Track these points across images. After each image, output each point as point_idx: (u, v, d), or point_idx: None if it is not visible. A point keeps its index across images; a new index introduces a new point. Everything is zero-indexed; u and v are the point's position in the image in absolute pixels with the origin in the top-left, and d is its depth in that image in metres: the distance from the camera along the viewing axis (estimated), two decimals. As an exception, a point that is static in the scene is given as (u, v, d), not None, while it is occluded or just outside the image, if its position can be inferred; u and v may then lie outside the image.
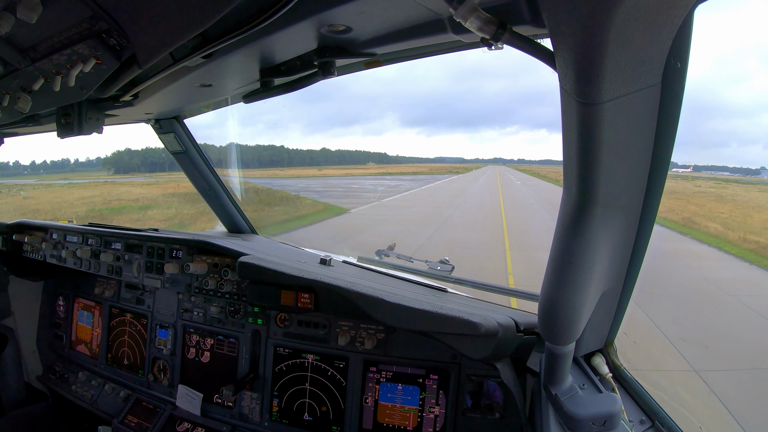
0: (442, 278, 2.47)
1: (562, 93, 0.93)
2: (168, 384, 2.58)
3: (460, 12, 0.88)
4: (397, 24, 1.17)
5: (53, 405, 3.10)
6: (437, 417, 2.03)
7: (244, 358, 2.36)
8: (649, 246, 1.30)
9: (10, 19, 1.04)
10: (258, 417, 2.31)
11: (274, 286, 1.98)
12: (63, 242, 2.86)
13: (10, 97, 1.62)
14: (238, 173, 3.37)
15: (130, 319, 2.79)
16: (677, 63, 0.92)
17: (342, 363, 2.18)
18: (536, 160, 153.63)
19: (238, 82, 1.73)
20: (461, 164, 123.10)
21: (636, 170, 1.11)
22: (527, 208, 26.81)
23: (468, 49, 1.34)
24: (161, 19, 1.09)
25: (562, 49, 0.84)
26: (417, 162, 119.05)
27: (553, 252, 1.18)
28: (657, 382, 1.48)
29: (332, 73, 1.42)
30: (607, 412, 1.33)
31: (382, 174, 66.32)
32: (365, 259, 2.77)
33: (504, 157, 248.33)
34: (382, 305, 1.72)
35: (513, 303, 2.51)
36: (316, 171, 63.90)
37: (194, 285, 2.42)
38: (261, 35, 1.18)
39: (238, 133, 3.73)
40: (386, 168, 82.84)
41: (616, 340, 1.65)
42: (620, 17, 0.74)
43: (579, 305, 1.20)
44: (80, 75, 1.34)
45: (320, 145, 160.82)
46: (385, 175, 64.91)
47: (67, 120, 1.86)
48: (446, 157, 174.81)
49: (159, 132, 2.68)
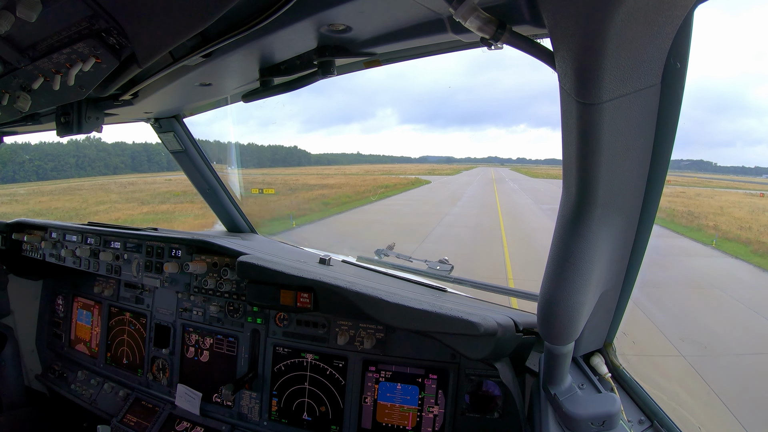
0: (442, 278, 2.47)
1: (562, 93, 0.93)
2: (167, 383, 2.58)
3: (459, 12, 0.88)
4: (396, 23, 1.17)
5: (52, 404, 3.10)
6: (436, 417, 2.03)
7: (243, 357, 2.36)
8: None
9: (10, 18, 1.04)
10: (257, 416, 2.31)
11: (274, 286, 1.98)
12: (62, 241, 2.85)
13: (9, 96, 1.62)
14: (237, 172, 3.37)
15: (129, 318, 2.79)
16: (677, 63, 0.92)
17: (341, 362, 2.18)
18: (539, 160, 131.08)
19: (238, 81, 1.73)
20: (448, 165, 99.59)
21: (636, 170, 1.12)
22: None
23: (468, 49, 1.35)
24: (161, 19, 1.09)
25: (562, 49, 0.84)
26: (392, 162, 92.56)
27: (553, 252, 1.18)
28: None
29: (332, 73, 1.42)
30: (606, 412, 1.33)
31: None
32: (364, 258, 2.77)
33: (500, 156, 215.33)
34: (382, 305, 1.72)
35: (512, 303, 2.51)
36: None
37: (193, 284, 2.42)
38: (260, 34, 1.18)
39: (236, 131, 3.72)
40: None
41: (615, 340, 1.65)
42: (620, 17, 0.74)
43: (578, 305, 1.20)
44: (80, 74, 1.34)
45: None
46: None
47: (66, 119, 1.86)
48: (430, 156, 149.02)
49: (158, 131, 2.67)
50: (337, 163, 72.19)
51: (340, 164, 71.86)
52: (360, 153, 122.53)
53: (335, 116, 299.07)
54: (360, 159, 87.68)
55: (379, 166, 75.84)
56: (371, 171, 58.94)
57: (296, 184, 34.66)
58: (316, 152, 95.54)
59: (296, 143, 53.90)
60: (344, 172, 52.77)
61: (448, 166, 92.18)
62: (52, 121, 1.93)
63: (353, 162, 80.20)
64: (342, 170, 56.93)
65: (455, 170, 76.85)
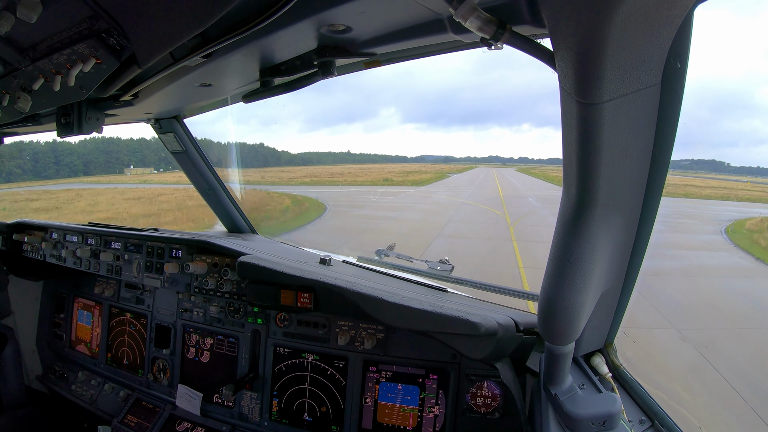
0: (442, 278, 2.47)
1: (562, 93, 0.93)
2: (168, 384, 2.58)
3: (460, 12, 0.88)
4: (397, 24, 1.17)
5: (53, 404, 3.10)
6: (437, 417, 2.03)
7: (244, 357, 2.36)
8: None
9: (10, 18, 1.04)
10: (258, 417, 2.31)
11: (274, 286, 1.98)
12: (63, 242, 2.86)
13: (10, 96, 1.62)
14: (238, 173, 3.37)
15: (129, 318, 2.79)
16: (677, 63, 0.92)
17: (342, 363, 2.18)
18: (542, 159, 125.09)
19: (238, 81, 1.73)
20: (446, 164, 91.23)
21: (636, 170, 1.12)
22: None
23: (468, 49, 1.34)
24: (161, 19, 1.09)
25: (562, 49, 0.84)
26: (385, 161, 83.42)
27: (553, 252, 1.18)
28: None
29: (332, 73, 1.42)
30: (607, 412, 1.33)
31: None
32: (365, 258, 2.77)
33: (501, 155, 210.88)
34: (382, 305, 1.72)
35: (513, 303, 2.51)
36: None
37: (194, 285, 2.42)
38: (261, 35, 1.18)
39: (238, 132, 3.72)
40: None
41: (615, 340, 1.65)
42: (620, 17, 0.74)
43: (579, 305, 1.20)
44: (80, 75, 1.34)
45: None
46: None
47: (66, 120, 1.86)
48: (428, 156, 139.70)
49: (159, 132, 2.67)
50: (314, 164, 63.65)
51: (315, 165, 63.09)
52: (350, 152, 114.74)
53: (337, 115, 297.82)
54: (348, 159, 79.73)
55: (355, 166, 66.96)
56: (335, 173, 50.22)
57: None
58: (298, 151, 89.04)
59: (262, 140, 44.22)
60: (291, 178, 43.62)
61: (445, 167, 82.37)
62: (53, 121, 1.94)
63: (339, 162, 72.29)
64: (304, 172, 49.40)
65: (434, 175, 53.45)
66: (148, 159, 40.28)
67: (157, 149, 42.22)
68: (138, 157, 40.19)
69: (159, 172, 38.81)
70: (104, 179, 34.60)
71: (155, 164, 39.98)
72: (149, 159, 40.36)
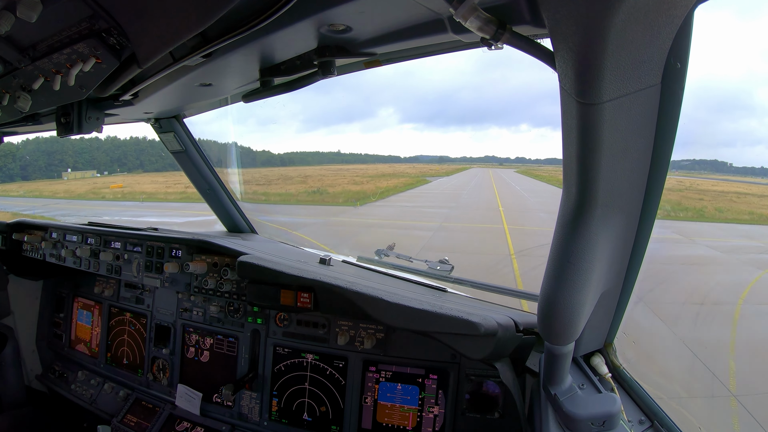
0: (442, 278, 2.47)
1: (562, 93, 0.93)
2: (167, 383, 2.58)
3: (460, 12, 0.88)
4: (397, 24, 1.17)
5: (52, 404, 3.10)
6: (436, 417, 2.03)
7: (244, 357, 2.36)
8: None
9: (10, 18, 1.04)
10: (257, 416, 2.31)
11: (274, 286, 1.98)
12: (62, 241, 2.85)
13: (10, 96, 1.62)
14: (237, 172, 3.37)
15: (129, 318, 2.79)
16: (677, 63, 0.92)
17: (341, 362, 2.18)
18: (539, 159, 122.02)
19: (238, 81, 1.73)
20: (440, 164, 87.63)
21: (636, 170, 1.12)
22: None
23: (468, 49, 1.34)
24: (161, 19, 1.09)
25: (562, 49, 0.84)
26: (377, 161, 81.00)
27: (553, 252, 1.18)
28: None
29: (332, 73, 1.42)
30: (607, 412, 1.33)
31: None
32: (365, 258, 2.77)
33: (498, 155, 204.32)
34: (382, 305, 1.72)
35: (513, 303, 2.51)
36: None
37: (194, 284, 2.42)
38: (261, 35, 1.18)
39: (238, 132, 3.72)
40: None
41: (615, 340, 1.65)
42: (620, 18, 0.74)
43: (578, 305, 1.20)
44: (80, 74, 1.34)
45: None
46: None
47: (66, 119, 1.86)
48: (423, 156, 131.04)
49: (159, 131, 2.67)
50: (296, 164, 60.66)
51: (297, 165, 60.76)
52: (340, 152, 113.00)
53: (336, 115, 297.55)
54: (337, 158, 78.17)
55: (335, 166, 64.91)
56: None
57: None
58: (282, 151, 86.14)
59: (236, 140, 41.38)
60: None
61: (438, 167, 78.85)
62: (53, 121, 1.94)
63: (326, 162, 70.58)
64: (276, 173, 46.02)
65: (409, 180, 46.34)
66: (98, 160, 39.29)
67: (108, 149, 41.31)
68: (86, 158, 38.99)
69: (103, 176, 38.18)
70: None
71: (107, 166, 39.14)
72: (99, 160, 39.37)
